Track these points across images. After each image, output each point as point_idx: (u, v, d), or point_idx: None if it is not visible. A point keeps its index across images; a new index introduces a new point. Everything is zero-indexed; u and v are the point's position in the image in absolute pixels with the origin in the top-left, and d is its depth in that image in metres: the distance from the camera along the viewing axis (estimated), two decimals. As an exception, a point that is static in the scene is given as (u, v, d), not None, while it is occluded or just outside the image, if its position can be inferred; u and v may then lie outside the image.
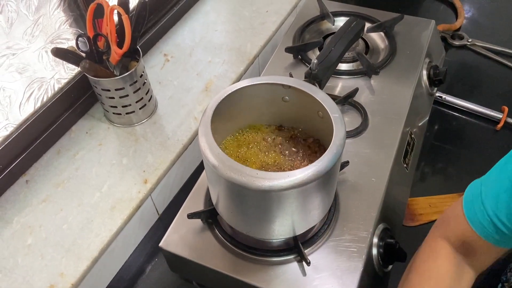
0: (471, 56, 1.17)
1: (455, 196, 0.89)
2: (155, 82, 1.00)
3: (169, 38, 1.10)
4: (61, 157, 0.87)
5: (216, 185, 0.59)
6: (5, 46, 0.75)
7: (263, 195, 0.53)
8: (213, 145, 0.55)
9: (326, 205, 0.62)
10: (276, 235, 0.61)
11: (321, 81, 0.65)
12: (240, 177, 0.52)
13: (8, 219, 0.79)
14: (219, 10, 1.16)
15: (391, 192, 0.73)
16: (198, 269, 0.66)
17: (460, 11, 1.26)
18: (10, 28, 0.75)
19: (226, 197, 0.59)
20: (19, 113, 0.83)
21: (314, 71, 0.64)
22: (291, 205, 0.56)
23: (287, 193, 0.53)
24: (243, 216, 0.61)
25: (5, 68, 0.77)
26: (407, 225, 0.86)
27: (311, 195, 0.56)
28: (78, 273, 0.73)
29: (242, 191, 0.54)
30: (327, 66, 0.66)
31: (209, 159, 0.54)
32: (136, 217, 0.82)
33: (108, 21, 0.82)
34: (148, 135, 0.90)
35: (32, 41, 0.80)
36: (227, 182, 0.54)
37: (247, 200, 0.56)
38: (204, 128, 0.57)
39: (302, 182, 0.52)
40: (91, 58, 0.84)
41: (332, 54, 0.68)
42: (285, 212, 0.57)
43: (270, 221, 0.58)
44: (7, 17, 0.74)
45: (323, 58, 0.67)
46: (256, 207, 0.57)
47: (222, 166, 0.53)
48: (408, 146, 0.80)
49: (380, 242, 0.67)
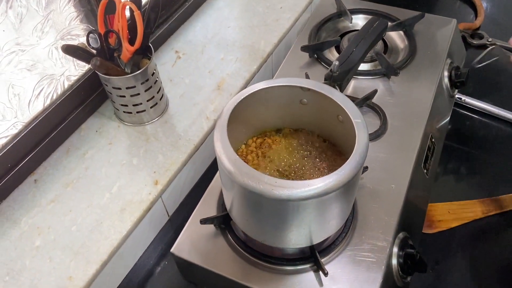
0: (491, 56, 1.14)
1: (475, 202, 0.87)
2: (166, 79, 0.97)
3: (180, 35, 1.07)
4: (70, 156, 0.85)
5: (231, 192, 0.57)
6: (14, 43, 0.73)
7: (281, 204, 0.51)
8: (230, 150, 0.53)
9: (345, 214, 0.60)
10: (292, 244, 0.59)
11: (342, 84, 0.62)
12: (258, 185, 0.49)
13: (16, 219, 0.78)
14: (232, 6, 1.13)
15: (411, 199, 0.70)
16: (210, 276, 0.64)
17: (480, 9, 1.22)
18: (20, 24, 0.73)
19: (242, 204, 0.56)
20: (28, 111, 0.81)
21: (335, 73, 0.61)
22: (310, 214, 0.53)
23: (306, 203, 0.51)
24: (259, 224, 0.58)
25: (14, 64, 0.75)
26: (426, 232, 0.84)
27: (331, 205, 0.53)
28: (87, 277, 0.71)
29: (259, 199, 0.52)
30: (349, 68, 0.63)
31: (225, 165, 0.52)
32: (146, 219, 0.80)
33: (120, 17, 0.80)
34: (159, 134, 0.88)
35: (42, 37, 0.78)
36: (244, 189, 0.52)
37: (264, 209, 0.54)
38: (220, 133, 0.54)
39: (322, 192, 0.49)
40: (102, 55, 0.81)
41: (354, 55, 0.65)
42: (303, 221, 0.54)
43: (287, 230, 0.56)
44: (17, 13, 0.72)
45: (344, 59, 0.64)
46: (273, 216, 0.54)
47: (238, 173, 0.51)
48: (428, 151, 0.78)
49: (400, 252, 0.65)
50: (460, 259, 0.78)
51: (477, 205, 0.86)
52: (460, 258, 0.79)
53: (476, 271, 0.77)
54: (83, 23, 0.85)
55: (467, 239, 0.82)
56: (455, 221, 0.85)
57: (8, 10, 0.70)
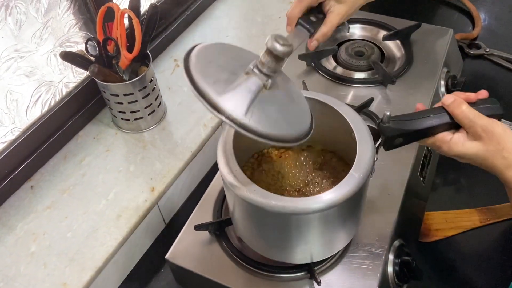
0: (488, 66, 1.14)
1: (472, 211, 0.86)
2: (165, 87, 0.98)
3: (179, 43, 1.08)
4: (68, 162, 0.86)
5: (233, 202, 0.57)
6: (13, 49, 0.74)
7: (283, 218, 0.50)
8: (234, 165, 0.52)
9: (350, 232, 0.59)
10: (294, 260, 0.58)
11: (387, 142, 0.57)
12: (259, 199, 0.49)
13: (11, 225, 0.78)
14: (231, 16, 1.14)
15: (407, 207, 0.70)
16: (204, 282, 0.64)
17: (477, 20, 1.23)
18: (18, 31, 0.74)
19: (245, 217, 0.56)
20: (26, 117, 0.81)
21: (384, 124, 0.56)
22: (313, 230, 0.53)
23: (308, 217, 0.50)
24: (262, 239, 0.58)
25: (13, 71, 0.75)
26: (422, 240, 0.83)
27: (334, 221, 0.53)
28: (82, 283, 0.71)
29: (260, 213, 0.51)
30: (400, 132, 0.56)
31: (227, 179, 0.51)
32: (142, 226, 0.80)
33: (118, 25, 0.80)
34: (156, 142, 0.88)
35: (41, 44, 0.78)
36: (245, 202, 0.51)
37: (267, 223, 0.53)
38: (223, 148, 0.53)
39: (325, 206, 0.49)
40: (100, 62, 0.82)
41: (411, 123, 0.57)
42: (305, 237, 0.54)
43: (288, 246, 0.56)
44: (16, 19, 0.72)
45: (399, 118, 0.57)
46: (275, 231, 0.54)
47: (242, 187, 0.50)
48: (425, 159, 0.78)
49: (396, 259, 0.64)
50: (457, 267, 0.78)
51: (474, 214, 0.86)
52: (457, 266, 0.78)
53: (474, 279, 0.77)
54: (82, 30, 0.86)
55: (464, 248, 0.82)
56: (452, 230, 0.84)
57: (7, 17, 0.71)
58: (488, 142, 0.54)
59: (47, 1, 0.76)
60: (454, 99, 0.56)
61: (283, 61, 0.49)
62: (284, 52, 0.47)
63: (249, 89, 0.47)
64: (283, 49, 0.46)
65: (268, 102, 0.48)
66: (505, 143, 0.53)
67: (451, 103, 0.56)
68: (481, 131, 0.54)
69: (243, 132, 0.45)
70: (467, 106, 0.55)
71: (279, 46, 0.46)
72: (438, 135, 0.57)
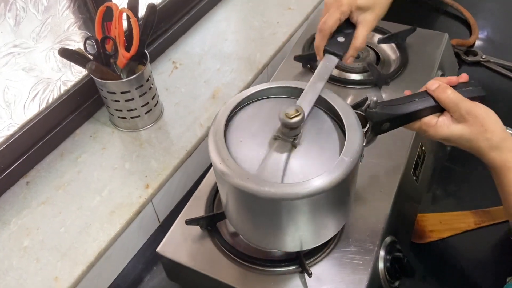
0: (485, 73, 1.15)
1: (468, 213, 0.86)
2: (163, 88, 0.99)
3: (178, 46, 1.09)
4: (64, 159, 0.86)
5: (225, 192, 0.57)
6: (12, 44, 0.75)
7: (273, 204, 0.51)
8: (225, 154, 0.52)
9: (340, 221, 0.59)
10: (285, 248, 0.58)
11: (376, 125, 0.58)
12: (250, 185, 0.49)
13: (6, 220, 0.78)
14: (230, 20, 1.16)
15: (400, 204, 0.70)
16: (196, 276, 0.64)
17: (474, 28, 1.24)
18: (17, 27, 0.75)
19: (235, 204, 0.56)
20: (23, 113, 0.82)
21: (372, 110, 0.57)
22: (303, 216, 0.53)
23: (298, 203, 0.50)
24: (253, 226, 0.58)
25: (11, 66, 0.76)
26: (417, 241, 0.83)
27: (324, 207, 0.53)
28: (73, 278, 0.71)
29: (252, 200, 0.51)
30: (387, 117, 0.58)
31: (218, 168, 0.52)
32: (136, 223, 0.80)
33: (116, 24, 0.82)
34: (152, 140, 0.89)
35: (40, 41, 0.80)
36: (236, 189, 0.51)
37: (259, 210, 0.54)
38: (214, 138, 0.54)
39: (314, 191, 0.49)
40: (98, 60, 0.83)
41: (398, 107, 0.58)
42: (295, 223, 0.54)
43: (279, 232, 0.56)
44: (15, 15, 0.74)
45: (385, 104, 0.59)
46: (266, 218, 0.54)
47: (233, 175, 0.50)
48: (418, 158, 0.78)
49: (387, 255, 0.64)
50: (452, 269, 0.77)
51: (469, 216, 0.86)
52: (452, 268, 0.78)
53: (468, 281, 0.76)
54: (81, 29, 0.87)
55: (459, 250, 0.81)
56: (447, 231, 0.84)
57: (6, 12, 0.72)
58: (472, 124, 0.55)
59: (47, -1, 0.78)
60: (439, 85, 0.57)
61: (300, 127, 0.53)
62: (295, 123, 0.51)
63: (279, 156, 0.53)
64: (293, 121, 0.51)
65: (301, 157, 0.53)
66: (487, 124, 0.55)
67: (436, 88, 0.57)
68: (465, 114, 0.55)
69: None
70: (452, 91, 0.57)
71: (288, 120, 0.51)
72: (424, 119, 0.58)
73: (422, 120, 0.58)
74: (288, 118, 0.51)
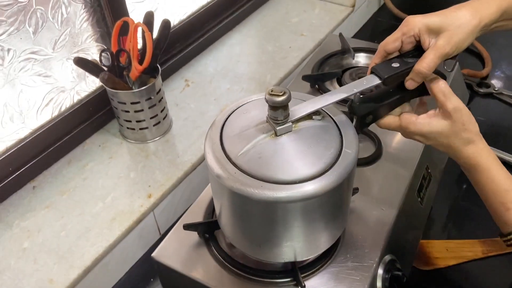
0: (497, 105, 1.14)
1: (475, 242, 0.83)
2: (173, 104, 1.01)
3: (192, 66, 1.12)
4: (71, 166, 0.88)
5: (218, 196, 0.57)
6: (30, 51, 0.78)
7: (268, 207, 0.50)
8: (220, 153, 0.53)
9: (335, 230, 0.58)
10: (278, 258, 0.57)
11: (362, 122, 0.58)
12: (244, 187, 0.49)
13: (9, 221, 0.79)
14: (244, 44, 1.19)
15: (402, 223, 0.68)
16: (190, 284, 0.63)
17: (488, 60, 1.24)
18: (37, 35, 0.78)
19: (230, 210, 0.56)
20: (35, 119, 0.84)
21: (355, 104, 0.57)
22: (297, 221, 0.52)
23: (292, 206, 0.50)
24: (246, 233, 0.57)
25: (28, 72, 0.79)
26: (422, 268, 0.80)
27: (318, 213, 0.52)
28: (68, 281, 0.70)
29: (246, 202, 0.51)
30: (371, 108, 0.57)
31: (213, 168, 0.52)
32: (136, 232, 0.80)
33: (131, 37, 0.85)
34: (159, 152, 0.90)
35: (57, 50, 0.83)
36: (231, 192, 0.51)
37: (253, 214, 0.53)
38: (211, 143, 0.54)
39: (310, 195, 0.49)
40: (112, 72, 0.86)
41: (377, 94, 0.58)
42: (290, 230, 0.53)
43: (274, 240, 0.55)
44: (35, 23, 0.77)
45: (367, 96, 0.58)
46: (260, 223, 0.54)
47: (227, 176, 0.50)
48: (423, 180, 0.76)
49: (386, 274, 0.62)
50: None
51: (477, 245, 0.83)
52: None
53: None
54: (98, 42, 0.90)
55: (465, 279, 0.78)
56: (453, 259, 0.81)
57: (27, 20, 0.75)
58: (455, 121, 0.55)
59: (67, 10, 0.81)
60: (435, 76, 0.57)
61: (283, 109, 0.52)
62: (280, 101, 0.50)
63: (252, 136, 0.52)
64: (278, 99, 0.50)
65: (273, 146, 0.52)
66: (468, 123, 0.56)
67: (431, 79, 0.57)
68: (452, 109, 0.55)
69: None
70: (445, 83, 0.56)
71: (274, 98, 0.50)
72: (404, 116, 0.58)
73: (402, 116, 0.58)
74: (273, 96, 0.50)
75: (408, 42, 0.57)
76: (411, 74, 0.57)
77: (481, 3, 0.57)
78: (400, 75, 0.57)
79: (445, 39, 0.54)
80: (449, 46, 0.54)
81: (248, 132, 0.54)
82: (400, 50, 0.59)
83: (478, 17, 0.55)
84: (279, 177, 0.49)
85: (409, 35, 0.57)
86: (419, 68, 0.55)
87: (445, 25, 0.55)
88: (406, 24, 0.57)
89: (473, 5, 0.56)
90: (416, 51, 0.58)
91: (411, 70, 0.56)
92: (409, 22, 0.57)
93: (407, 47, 0.58)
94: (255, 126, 0.54)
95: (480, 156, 0.57)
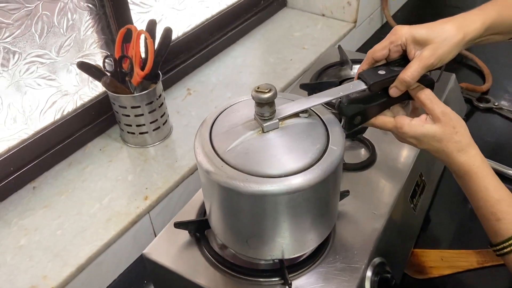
0: (497, 120, 1.14)
1: (471, 252, 0.83)
2: (174, 111, 1.03)
3: (195, 76, 1.14)
4: (72, 168, 0.89)
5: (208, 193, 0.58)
6: (35, 54, 0.81)
7: (256, 200, 0.51)
8: (208, 148, 0.54)
9: (321, 229, 0.59)
10: (265, 255, 0.58)
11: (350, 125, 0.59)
12: (231, 181, 0.50)
13: (7, 220, 0.80)
14: (246, 55, 1.21)
15: (393, 228, 0.68)
16: (179, 281, 0.63)
17: (488, 76, 1.25)
18: (42, 39, 0.81)
19: (218, 206, 0.57)
20: (38, 121, 0.87)
21: (343, 104, 0.58)
22: (284, 216, 0.53)
23: (277, 200, 0.51)
24: (233, 228, 0.58)
25: (32, 74, 0.82)
26: (416, 277, 0.80)
27: (305, 209, 0.53)
28: (61, 278, 0.71)
29: (233, 196, 0.52)
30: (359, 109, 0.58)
31: (202, 164, 0.53)
32: (131, 234, 0.81)
33: (134, 44, 0.87)
34: (158, 157, 0.91)
35: (62, 54, 0.86)
36: (221, 188, 0.52)
37: (237, 208, 0.54)
38: (200, 140, 0.56)
39: (295, 188, 0.50)
40: (114, 77, 0.88)
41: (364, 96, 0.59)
42: (278, 225, 0.54)
43: (262, 238, 0.56)
44: (41, 28, 0.80)
45: (356, 97, 0.59)
46: (248, 218, 0.55)
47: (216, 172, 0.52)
48: (417, 186, 0.77)
49: (375, 277, 0.62)
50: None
51: (472, 255, 0.82)
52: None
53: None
54: (102, 49, 0.93)
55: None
56: (448, 269, 0.81)
57: (33, 24, 0.79)
58: (445, 124, 0.56)
59: (72, 17, 0.85)
60: (418, 85, 0.59)
61: (269, 106, 0.53)
62: (266, 98, 0.51)
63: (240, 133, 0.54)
64: (264, 96, 0.51)
65: (260, 142, 0.53)
66: (458, 127, 0.57)
67: (415, 87, 0.59)
68: (440, 114, 0.56)
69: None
70: (429, 91, 0.58)
71: (259, 95, 0.52)
72: (398, 118, 0.59)
73: (396, 119, 0.59)
74: (259, 93, 0.51)
75: (395, 51, 0.59)
76: (396, 82, 0.58)
77: (465, 19, 0.58)
78: (385, 82, 0.59)
79: (430, 51, 0.56)
80: (434, 57, 0.56)
81: (236, 129, 0.55)
82: (387, 58, 0.61)
83: (462, 32, 0.57)
84: (265, 171, 0.50)
85: (396, 44, 0.58)
86: (403, 77, 0.57)
87: (431, 38, 0.56)
88: (394, 33, 0.59)
89: (459, 20, 0.58)
90: (402, 60, 0.60)
91: (396, 78, 0.58)
92: (397, 31, 0.58)
93: (394, 56, 0.60)
94: (243, 123, 0.55)
95: (473, 163, 0.58)
